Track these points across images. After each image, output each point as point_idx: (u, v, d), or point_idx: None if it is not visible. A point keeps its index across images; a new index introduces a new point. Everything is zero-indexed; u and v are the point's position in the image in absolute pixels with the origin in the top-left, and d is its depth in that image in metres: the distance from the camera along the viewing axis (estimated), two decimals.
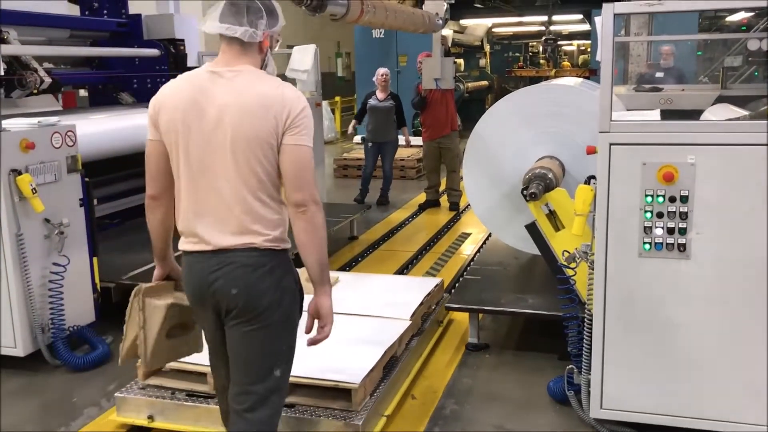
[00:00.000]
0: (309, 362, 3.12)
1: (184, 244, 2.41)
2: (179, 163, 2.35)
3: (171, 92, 2.37)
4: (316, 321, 2.42)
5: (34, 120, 4.13)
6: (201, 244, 2.36)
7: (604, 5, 2.92)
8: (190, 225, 2.37)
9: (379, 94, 8.65)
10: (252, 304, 2.33)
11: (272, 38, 2.44)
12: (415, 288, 4.57)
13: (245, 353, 2.41)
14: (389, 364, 3.66)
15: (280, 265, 2.38)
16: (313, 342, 2.43)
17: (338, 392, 3.22)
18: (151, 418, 3.40)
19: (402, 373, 3.77)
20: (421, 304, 4.28)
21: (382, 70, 8.69)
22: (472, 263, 5.28)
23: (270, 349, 2.41)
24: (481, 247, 6.04)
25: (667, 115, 3.74)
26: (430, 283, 4.68)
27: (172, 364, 3.19)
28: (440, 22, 6.79)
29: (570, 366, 3.35)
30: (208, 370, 3.07)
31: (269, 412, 2.45)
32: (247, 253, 2.32)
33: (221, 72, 2.34)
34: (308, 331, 2.44)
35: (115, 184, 6.43)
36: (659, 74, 8.28)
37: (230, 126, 2.28)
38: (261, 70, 2.40)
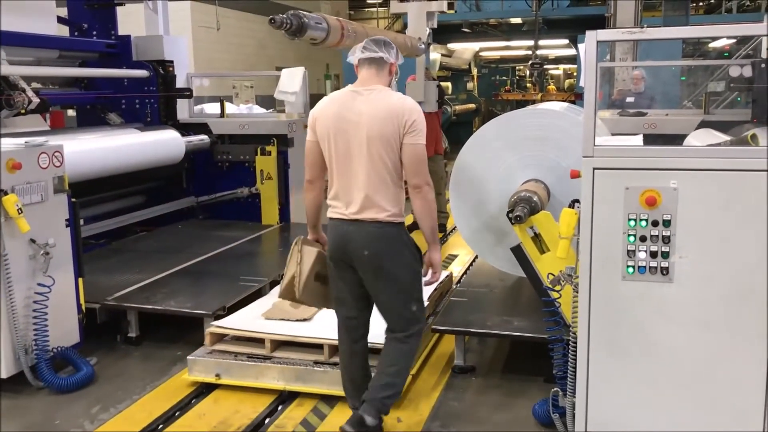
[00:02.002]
0: None
1: (330, 212, 3.28)
2: (331, 157, 3.24)
3: (323, 107, 3.29)
4: (429, 269, 3.38)
5: (21, 140, 4.11)
6: (342, 213, 3.21)
7: (588, 32, 2.97)
8: (336, 199, 3.25)
9: None
10: (381, 262, 3.17)
11: (396, 67, 3.38)
12: None
13: (385, 299, 3.26)
14: None
15: (399, 232, 3.23)
16: (428, 283, 3.41)
17: (375, 352, 3.62)
18: (218, 375, 4.02)
19: (422, 343, 4.32)
20: (435, 290, 4.84)
21: None
22: (458, 285, 5.30)
23: (402, 292, 3.25)
24: (468, 269, 6.06)
25: (650, 140, 3.78)
26: (441, 274, 5.04)
27: (233, 333, 4.18)
28: (422, 46, 6.83)
29: (555, 389, 3.36)
30: (265, 336, 4.07)
31: (411, 339, 3.29)
32: (374, 223, 3.16)
33: (359, 91, 3.26)
34: (425, 275, 3.38)
35: (102, 205, 6.42)
36: (630, 99, 8.31)
37: (366, 129, 3.14)
38: (388, 88, 3.30)
